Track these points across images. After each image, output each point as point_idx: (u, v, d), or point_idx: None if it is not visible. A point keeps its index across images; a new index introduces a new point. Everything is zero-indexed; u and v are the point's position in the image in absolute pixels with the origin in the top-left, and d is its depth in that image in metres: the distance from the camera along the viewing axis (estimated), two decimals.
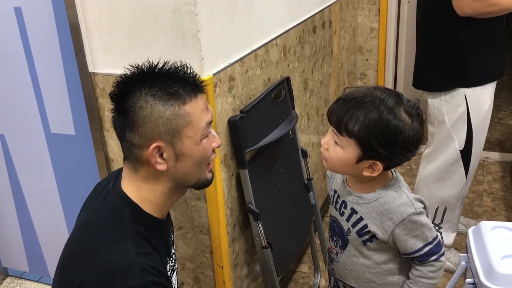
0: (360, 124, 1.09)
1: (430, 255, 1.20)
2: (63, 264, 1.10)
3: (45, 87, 1.72)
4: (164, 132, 1.03)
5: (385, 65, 3.18)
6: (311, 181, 1.96)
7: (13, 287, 2.22)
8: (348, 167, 1.16)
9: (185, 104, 1.04)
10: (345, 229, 1.26)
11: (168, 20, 1.33)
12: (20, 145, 1.89)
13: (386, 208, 1.18)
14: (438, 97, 1.94)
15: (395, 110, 1.09)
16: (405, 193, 1.19)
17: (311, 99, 2.24)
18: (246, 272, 1.75)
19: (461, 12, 1.75)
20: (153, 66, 1.06)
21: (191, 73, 1.08)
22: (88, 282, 1.00)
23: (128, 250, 1.00)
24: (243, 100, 1.58)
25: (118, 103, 1.05)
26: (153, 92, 1.02)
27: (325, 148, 1.18)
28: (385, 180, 1.22)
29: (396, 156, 1.12)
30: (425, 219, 1.19)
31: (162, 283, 1.03)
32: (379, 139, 1.09)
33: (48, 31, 1.60)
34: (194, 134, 1.05)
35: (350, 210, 1.24)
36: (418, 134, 1.12)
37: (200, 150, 1.08)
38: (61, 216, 1.95)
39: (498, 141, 3.35)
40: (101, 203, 1.11)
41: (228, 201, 1.55)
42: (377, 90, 1.13)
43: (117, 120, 1.07)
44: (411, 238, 1.18)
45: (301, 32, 2.02)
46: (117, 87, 1.06)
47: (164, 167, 1.06)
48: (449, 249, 2.20)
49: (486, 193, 2.75)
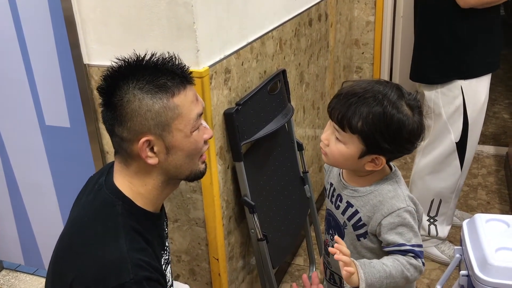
0: (364, 120, 1.07)
1: (411, 253, 1.14)
2: (56, 260, 1.09)
3: (40, 79, 1.71)
4: (153, 125, 1.01)
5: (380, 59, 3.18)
6: (306, 174, 1.97)
7: (8, 279, 2.22)
8: (350, 162, 1.15)
9: (174, 97, 1.02)
10: (341, 223, 1.25)
11: (164, 11, 1.32)
12: (14, 138, 1.88)
13: (379, 200, 1.17)
14: (434, 89, 1.95)
15: (398, 104, 1.08)
16: (400, 188, 1.18)
17: (306, 92, 2.24)
18: (241, 264, 1.76)
19: (463, 4, 1.75)
20: (140, 58, 1.04)
21: (179, 65, 1.06)
22: (80, 279, 0.99)
23: (121, 245, 0.99)
24: (239, 92, 1.57)
25: (106, 98, 1.04)
26: (140, 85, 1.00)
27: (325, 143, 1.16)
28: (382, 174, 1.21)
29: (400, 149, 1.12)
30: (412, 221, 1.15)
31: (156, 278, 1.02)
32: (384, 134, 1.08)
33: (42, 23, 1.59)
34: (184, 126, 1.04)
35: (345, 203, 1.23)
36: (421, 126, 1.12)
37: (191, 143, 1.06)
38: (56, 208, 1.95)
39: (493, 135, 3.36)
40: (93, 198, 1.10)
41: (223, 194, 1.55)
42: (378, 84, 1.12)
43: (106, 114, 1.05)
44: (395, 234, 1.14)
45: (297, 25, 2.02)
46: (104, 81, 1.04)
47: (155, 161, 1.04)
48: (444, 241, 2.21)
49: (480, 187, 2.76)
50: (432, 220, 2.15)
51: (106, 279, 0.96)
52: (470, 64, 1.87)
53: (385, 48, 3.14)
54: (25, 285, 2.18)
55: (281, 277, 2.18)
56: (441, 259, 2.19)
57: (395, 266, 1.11)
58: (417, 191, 2.14)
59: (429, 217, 2.15)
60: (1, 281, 2.21)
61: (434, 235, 2.16)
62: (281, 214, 1.80)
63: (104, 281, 0.96)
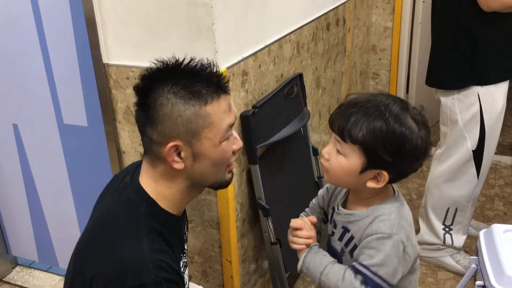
0: (365, 130, 1.02)
1: (360, 275, 1.04)
2: (77, 257, 1.10)
3: (59, 78, 1.73)
4: (183, 131, 1.01)
5: (398, 65, 3.15)
6: (321, 179, 1.95)
7: (22, 276, 2.24)
8: (352, 178, 1.07)
9: (206, 105, 1.01)
10: (338, 250, 1.15)
11: (183, 12, 1.33)
12: (32, 135, 1.90)
13: (370, 221, 1.07)
14: (451, 95, 1.93)
15: (401, 116, 1.03)
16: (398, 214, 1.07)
17: (323, 97, 2.23)
18: (254, 267, 1.75)
19: (487, 8, 1.73)
20: (178, 62, 1.03)
21: (216, 73, 1.05)
22: (100, 277, 0.99)
23: (142, 246, 0.99)
24: (255, 95, 1.57)
25: (141, 98, 1.04)
26: (175, 90, 1.00)
27: (326, 158, 1.10)
28: (384, 197, 1.12)
29: (403, 164, 1.04)
30: (390, 251, 1.02)
31: (175, 280, 1.02)
32: (385, 146, 1.02)
33: (63, 22, 1.61)
34: (214, 136, 1.03)
35: (341, 228, 1.14)
36: (426, 142, 1.05)
37: (219, 152, 1.05)
38: (72, 207, 1.97)
39: (511, 145, 3.31)
40: (118, 197, 1.11)
41: (238, 196, 1.55)
42: (381, 95, 1.07)
43: (139, 114, 1.06)
44: (362, 251, 1.05)
45: (315, 29, 2.01)
46: (141, 81, 1.04)
47: (181, 166, 1.04)
48: (459, 251, 2.18)
49: (497, 197, 2.72)
50: (448, 229, 2.12)
51: (126, 279, 0.96)
52: (488, 70, 1.85)
53: (403, 54, 3.12)
54: (38, 282, 2.20)
55: (293, 283, 2.16)
56: (456, 269, 2.16)
57: (336, 273, 1.06)
58: (433, 199, 2.11)
59: (445, 226, 2.12)
60: (15, 277, 2.23)
61: (450, 244, 2.13)
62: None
63: (124, 280, 0.96)
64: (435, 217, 2.12)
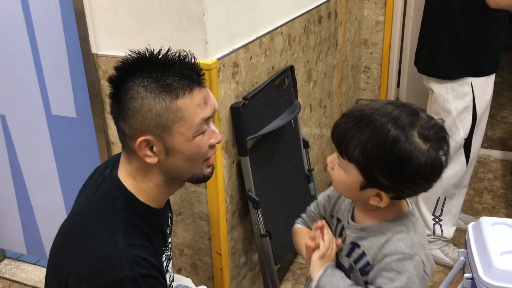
0: (361, 148, 0.92)
1: None
2: (54, 252, 1.08)
3: (47, 68, 1.71)
4: (153, 126, 0.98)
5: (389, 59, 3.15)
6: (311, 172, 1.95)
7: (10, 269, 2.22)
8: (353, 192, 1.00)
9: (178, 99, 0.97)
10: (346, 266, 1.08)
11: (174, 2, 1.31)
12: (20, 126, 1.88)
13: (386, 239, 1.00)
14: (444, 84, 1.96)
15: (407, 132, 0.90)
16: (416, 232, 1.00)
17: (314, 90, 2.23)
18: (244, 260, 1.75)
19: (493, 4, 1.77)
20: (152, 53, 0.99)
21: (189, 64, 1.00)
22: (75, 274, 0.98)
23: (117, 241, 0.97)
24: (246, 87, 1.56)
25: (114, 90, 1.01)
26: (145, 83, 0.97)
27: (330, 167, 1.03)
28: (397, 211, 1.03)
29: (402, 190, 0.95)
30: (412, 273, 0.96)
31: (153, 275, 1.00)
32: (382, 168, 0.91)
33: (51, 12, 1.59)
34: (186, 130, 0.99)
35: (350, 244, 1.07)
36: (433, 163, 0.91)
37: (192, 147, 1.02)
38: (60, 199, 1.95)
39: (500, 140, 3.34)
40: (96, 190, 1.08)
41: (228, 188, 1.54)
42: (391, 105, 0.95)
43: (113, 106, 1.03)
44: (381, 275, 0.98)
45: (307, 22, 2.01)
46: (115, 72, 1.01)
47: (153, 160, 1.01)
48: (448, 244, 2.20)
49: (486, 191, 2.74)
50: (437, 220, 2.15)
51: (100, 275, 0.94)
52: (484, 63, 1.92)
53: (394, 49, 3.12)
54: (27, 275, 2.18)
55: (283, 275, 2.17)
56: (444, 262, 2.18)
57: None
58: None
59: (434, 216, 2.15)
60: (3, 270, 2.21)
61: (439, 235, 2.15)
62: (285, 211, 1.79)
63: (98, 277, 0.94)
64: (426, 207, 2.15)
